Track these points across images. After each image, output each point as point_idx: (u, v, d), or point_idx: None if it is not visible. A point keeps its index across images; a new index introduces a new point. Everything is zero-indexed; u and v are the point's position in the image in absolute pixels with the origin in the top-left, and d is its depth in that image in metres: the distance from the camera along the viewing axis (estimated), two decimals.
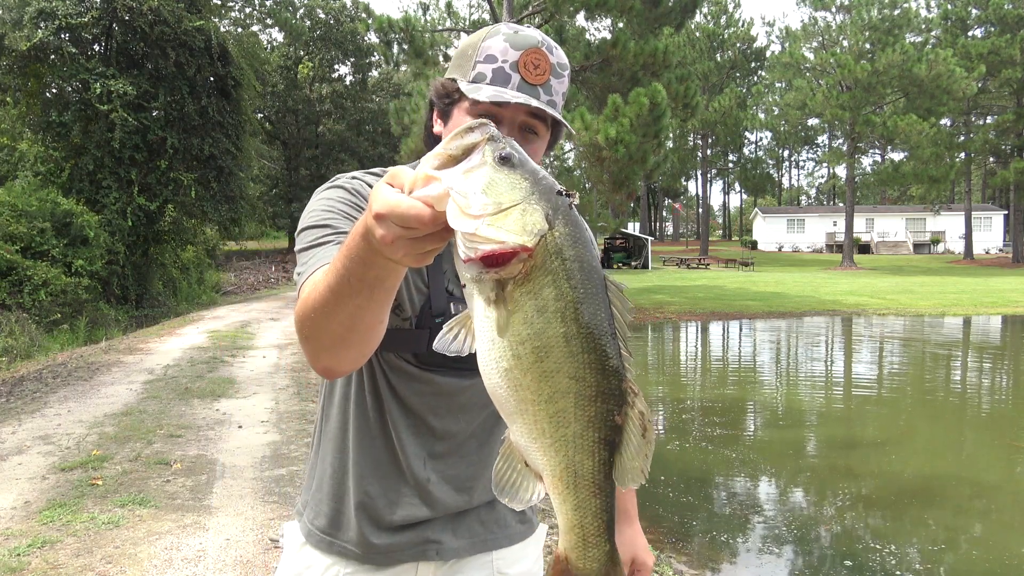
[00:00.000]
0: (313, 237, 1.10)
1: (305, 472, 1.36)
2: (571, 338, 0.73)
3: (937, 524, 5.71)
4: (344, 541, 1.26)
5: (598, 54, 19.44)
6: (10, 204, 13.61)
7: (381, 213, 0.72)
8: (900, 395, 10.77)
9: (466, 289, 0.76)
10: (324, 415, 1.31)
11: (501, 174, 0.72)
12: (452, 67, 1.17)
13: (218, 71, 18.02)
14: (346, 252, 0.84)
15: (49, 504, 4.05)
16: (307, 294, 0.94)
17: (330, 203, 1.15)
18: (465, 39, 1.19)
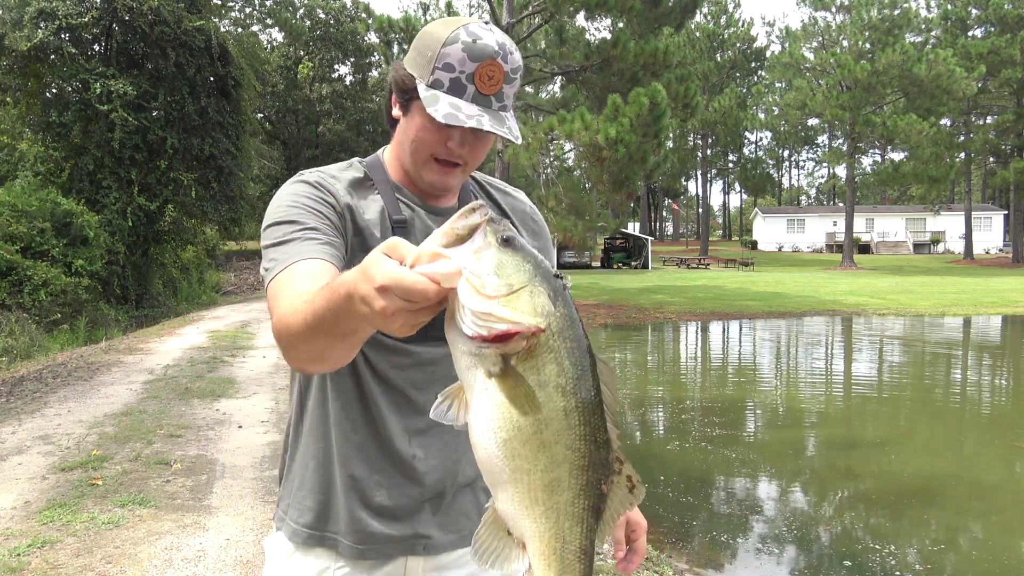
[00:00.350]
0: (280, 234, 1.14)
1: (281, 476, 1.35)
2: (569, 411, 0.78)
3: (937, 524, 5.71)
4: (334, 532, 1.25)
5: (598, 54, 19.44)
6: (10, 204, 13.61)
7: (386, 286, 0.75)
8: (900, 395, 10.77)
9: (460, 360, 0.79)
10: (300, 409, 1.31)
11: (507, 256, 0.77)
12: (411, 61, 1.21)
13: (218, 71, 18.01)
14: (326, 303, 0.87)
15: (49, 504, 4.05)
16: (284, 313, 0.99)
17: (295, 198, 1.18)
18: (426, 31, 1.21)
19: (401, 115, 1.24)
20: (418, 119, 1.20)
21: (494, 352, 0.76)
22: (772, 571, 4.86)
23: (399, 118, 1.25)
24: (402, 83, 1.22)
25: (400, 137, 1.26)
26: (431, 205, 1.30)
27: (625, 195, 20.35)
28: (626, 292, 25.84)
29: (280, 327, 1.00)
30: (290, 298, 1.02)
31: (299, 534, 1.27)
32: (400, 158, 1.29)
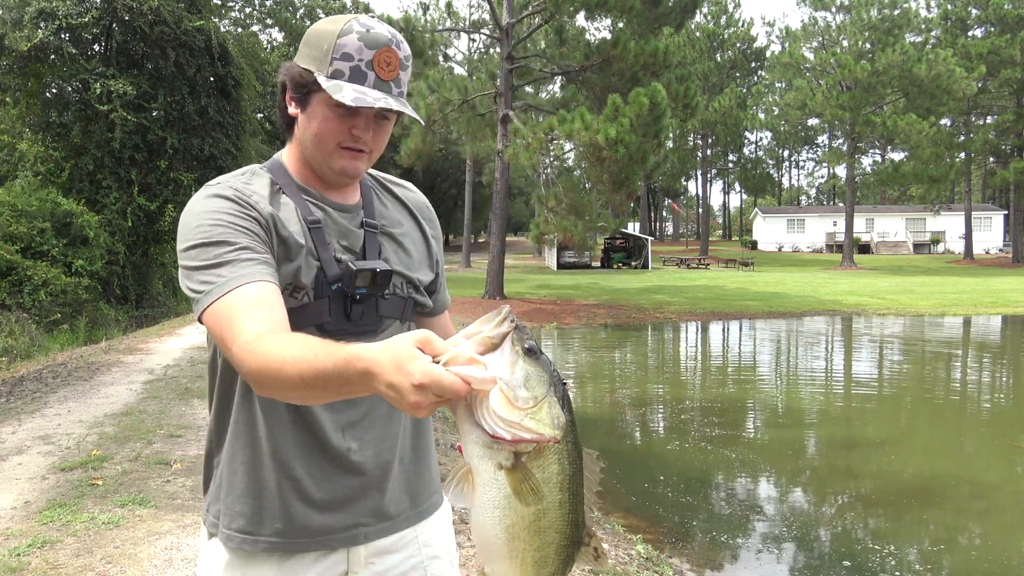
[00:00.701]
0: (211, 256, 1.14)
1: (206, 483, 1.34)
2: (563, 503, 0.91)
3: (937, 524, 5.71)
4: (270, 535, 1.25)
5: (598, 54, 19.44)
6: (10, 204, 13.61)
7: (424, 384, 0.84)
8: (900, 395, 10.77)
9: (473, 448, 0.89)
10: (222, 414, 1.29)
11: (531, 367, 0.88)
12: (305, 57, 1.23)
13: (218, 71, 18.01)
14: (336, 370, 0.94)
15: (49, 504, 4.05)
16: (273, 360, 1.00)
17: (218, 216, 1.17)
18: (316, 28, 1.25)
19: (299, 112, 1.25)
20: (320, 110, 1.22)
21: (510, 450, 0.87)
22: (772, 571, 4.86)
23: (296, 116, 1.26)
24: (299, 79, 1.23)
25: (301, 134, 1.27)
26: (338, 203, 1.31)
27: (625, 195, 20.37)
28: (626, 292, 25.84)
29: (265, 370, 1.01)
30: (273, 342, 1.03)
31: (233, 539, 1.25)
32: (303, 156, 1.29)
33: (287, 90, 1.27)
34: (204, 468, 1.34)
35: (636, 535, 4.99)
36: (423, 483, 1.39)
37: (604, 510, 5.71)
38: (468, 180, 40.64)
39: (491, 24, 23.67)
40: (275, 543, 1.25)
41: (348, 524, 1.28)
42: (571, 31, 21.29)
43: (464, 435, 0.90)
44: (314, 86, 1.21)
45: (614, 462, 7.23)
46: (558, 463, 0.90)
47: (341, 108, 1.20)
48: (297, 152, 1.30)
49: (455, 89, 21.83)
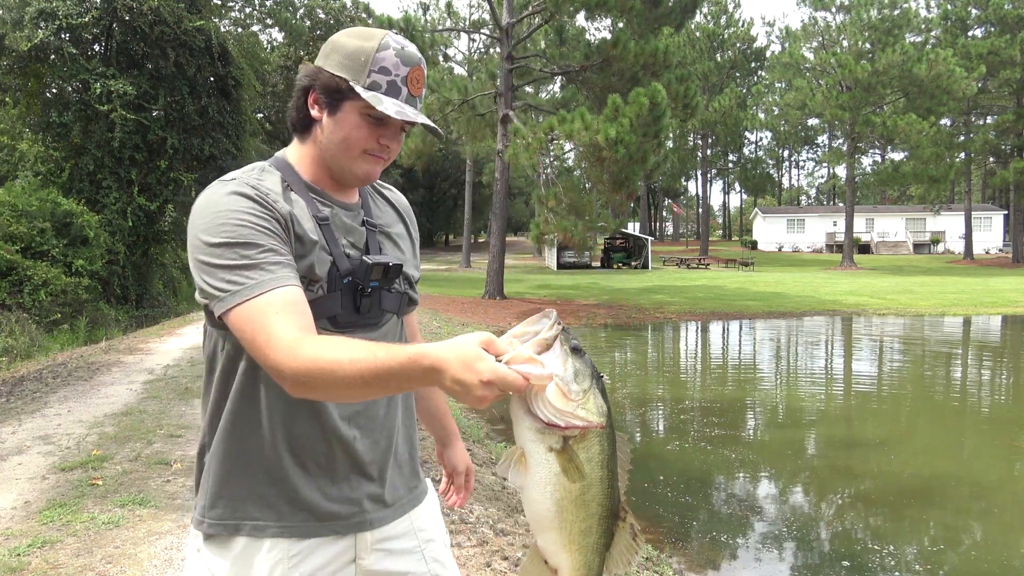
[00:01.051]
0: (237, 256, 1.17)
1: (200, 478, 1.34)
2: (603, 479, 1.06)
3: (937, 524, 5.71)
4: (280, 522, 1.28)
5: (598, 54, 19.44)
6: (10, 204, 13.60)
7: (491, 380, 0.97)
8: (900, 395, 10.77)
9: (525, 434, 1.03)
10: (220, 408, 1.30)
11: (579, 364, 1.02)
12: (338, 65, 1.29)
13: (218, 71, 18.01)
14: (400, 367, 1.04)
15: (49, 504, 4.05)
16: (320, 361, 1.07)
17: (242, 216, 1.20)
18: (350, 40, 1.31)
19: (325, 115, 1.30)
20: (352, 117, 1.28)
21: (560, 434, 1.01)
22: (772, 571, 4.86)
23: (318, 119, 1.31)
24: (331, 85, 1.28)
25: (323, 137, 1.31)
26: (343, 202, 1.37)
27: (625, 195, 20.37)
28: (626, 292, 25.85)
29: (314, 371, 1.08)
30: (322, 344, 1.10)
31: (242, 527, 1.27)
32: (319, 157, 1.34)
33: (311, 92, 1.31)
34: (196, 466, 1.34)
35: None
36: (414, 470, 1.47)
37: None
38: (468, 180, 40.66)
39: (491, 24, 23.67)
40: (286, 528, 1.28)
41: (355, 511, 1.33)
42: (571, 31, 21.29)
43: (517, 423, 1.03)
44: (349, 94, 1.27)
45: None
46: (599, 445, 1.04)
47: (372, 117, 1.28)
48: (312, 153, 1.35)
49: (455, 89, 21.84)
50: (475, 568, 3.53)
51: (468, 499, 1.70)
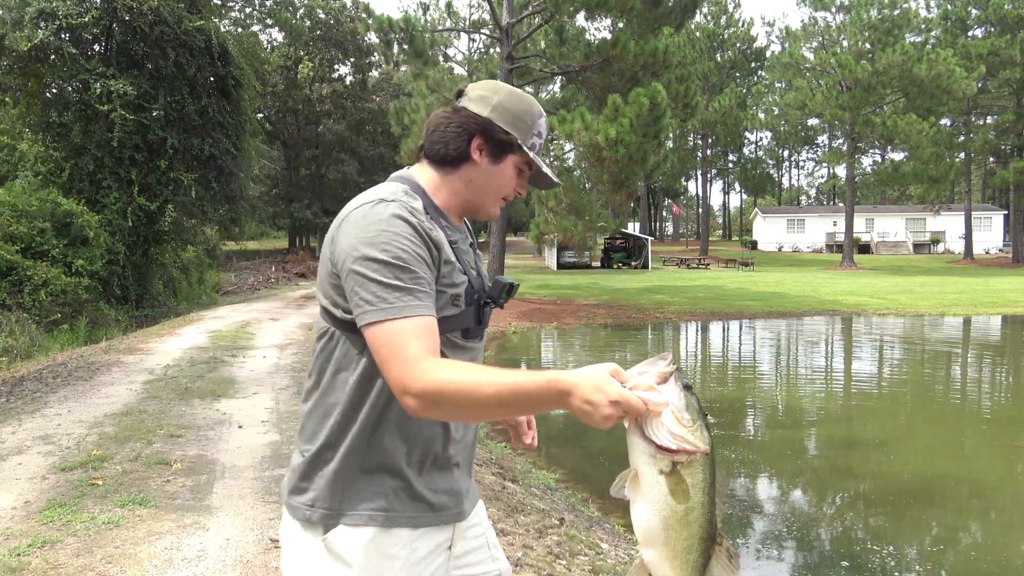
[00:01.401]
0: (393, 276, 1.29)
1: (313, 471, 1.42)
2: (704, 504, 1.18)
3: (937, 524, 5.71)
4: (406, 512, 1.41)
5: (598, 54, 19.44)
6: (10, 204, 13.60)
7: (618, 402, 1.14)
8: (900, 395, 10.77)
9: (640, 457, 1.17)
10: (353, 408, 1.39)
11: (689, 398, 1.18)
12: (507, 122, 1.48)
13: (218, 71, 18.00)
14: (536, 389, 1.18)
15: (49, 504, 4.05)
16: (457, 382, 1.21)
17: (404, 241, 1.32)
18: (513, 102, 1.50)
19: (487, 161, 1.48)
20: (509, 169, 1.50)
21: (670, 459, 1.15)
22: (772, 571, 4.86)
23: (475, 161, 1.48)
24: (502, 138, 1.47)
25: (476, 178, 1.49)
26: (457, 227, 1.53)
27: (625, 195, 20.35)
28: (626, 292, 25.84)
29: (449, 391, 1.21)
30: (457, 368, 1.24)
31: (376, 518, 1.38)
32: (459, 192, 1.50)
33: (477, 137, 1.47)
34: (308, 463, 1.42)
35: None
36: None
37: (604, 510, 5.72)
38: None
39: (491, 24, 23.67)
40: (407, 518, 1.40)
41: (456, 502, 1.47)
42: (571, 31, 21.29)
43: (632, 448, 1.18)
44: (516, 149, 1.49)
45: (614, 462, 7.23)
46: (702, 472, 1.17)
47: (518, 169, 1.51)
48: (455, 186, 1.50)
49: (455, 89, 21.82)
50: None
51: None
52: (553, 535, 4.37)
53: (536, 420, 1.79)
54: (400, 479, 1.40)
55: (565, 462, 7.26)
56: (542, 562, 3.79)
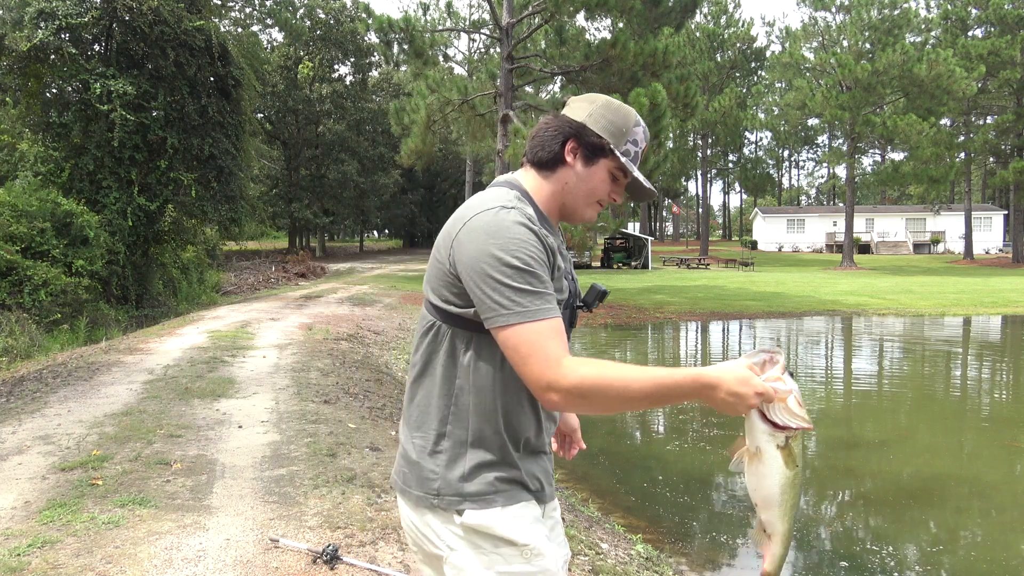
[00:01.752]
0: (525, 282, 1.38)
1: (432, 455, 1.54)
2: (801, 472, 1.47)
3: (937, 524, 5.71)
4: (542, 490, 1.58)
5: (598, 54, 19.44)
6: (10, 204, 13.60)
7: (760, 392, 1.35)
8: (900, 395, 10.77)
9: (759, 436, 1.42)
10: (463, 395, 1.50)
11: (796, 384, 1.41)
12: (602, 129, 1.55)
13: (218, 71, 18.00)
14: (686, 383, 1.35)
15: (49, 504, 4.05)
16: (606, 378, 1.35)
17: (531, 249, 1.41)
18: (611, 109, 1.57)
19: (580, 164, 1.56)
20: (602, 173, 1.57)
21: (784, 435, 1.41)
22: None
23: (570, 164, 1.56)
24: (595, 142, 1.55)
25: (571, 181, 1.56)
26: (556, 231, 1.61)
27: None
28: (626, 292, 25.83)
29: (598, 386, 1.35)
30: (602, 365, 1.37)
31: (494, 500, 1.50)
32: (557, 195, 1.58)
33: (571, 141, 1.55)
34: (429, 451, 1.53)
35: (636, 535, 5.00)
36: None
37: (604, 510, 5.72)
38: (468, 180, 40.66)
39: (491, 24, 23.67)
40: (515, 498, 1.52)
41: (547, 484, 1.62)
42: (571, 31, 21.28)
43: (753, 428, 1.41)
44: (608, 154, 1.56)
45: (614, 462, 7.23)
46: (800, 445, 1.44)
47: (613, 175, 1.58)
48: (553, 189, 1.58)
49: (455, 89, 21.82)
50: None
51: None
52: None
53: None
54: (505, 464, 1.50)
55: (564, 462, 7.25)
56: None
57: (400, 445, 1.60)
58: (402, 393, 8.56)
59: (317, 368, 8.93)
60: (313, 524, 3.86)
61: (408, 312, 17.79)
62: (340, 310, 16.32)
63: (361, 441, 5.65)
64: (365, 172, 45.64)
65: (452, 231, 1.46)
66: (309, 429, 5.87)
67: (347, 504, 4.17)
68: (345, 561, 3.39)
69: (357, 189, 45.78)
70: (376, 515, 4.04)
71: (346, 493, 4.35)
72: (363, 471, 4.83)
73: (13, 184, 15.93)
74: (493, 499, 1.48)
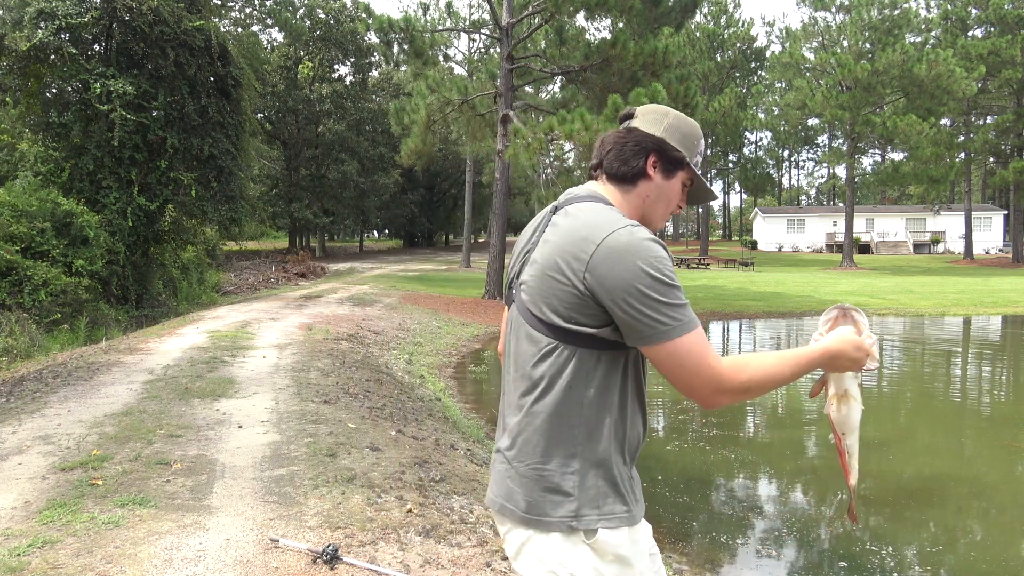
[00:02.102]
0: (677, 298, 1.45)
1: (587, 482, 1.54)
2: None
3: (937, 524, 5.71)
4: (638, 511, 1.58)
5: (598, 54, 19.44)
6: (10, 204, 13.60)
7: (869, 351, 1.61)
8: (900, 395, 10.77)
9: (849, 380, 1.71)
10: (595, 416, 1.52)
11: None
12: (676, 141, 1.63)
13: (218, 71, 18.00)
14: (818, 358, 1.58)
15: (49, 504, 4.04)
16: (747, 380, 1.47)
17: (669, 265, 1.49)
18: (682, 124, 1.66)
19: (660, 177, 1.64)
20: (677, 184, 1.66)
21: (861, 376, 1.72)
22: (772, 571, 4.86)
23: (651, 176, 1.63)
24: (674, 155, 1.63)
25: (651, 192, 1.64)
26: None
27: None
28: None
29: (762, 378, 1.49)
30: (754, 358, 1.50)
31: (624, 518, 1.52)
32: (640, 207, 1.65)
33: (652, 155, 1.62)
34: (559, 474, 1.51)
35: None
36: None
37: None
38: (468, 180, 40.63)
39: (491, 24, 23.67)
40: (635, 516, 1.57)
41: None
42: (571, 31, 21.28)
43: (841, 377, 1.70)
44: (684, 167, 1.65)
45: None
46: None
47: (683, 184, 1.67)
48: (634, 203, 1.64)
49: (455, 89, 21.82)
50: (475, 568, 3.53)
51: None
52: None
53: None
54: (625, 480, 1.55)
55: None
56: None
57: (507, 470, 1.57)
58: (402, 393, 8.56)
59: (317, 368, 8.93)
60: (313, 524, 3.86)
61: (408, 312, 17.79)
62: (340, 310, 16.32)
63: (361, 441, 5.65)
64: (365, 172, 45.63)
65: (581, 253, 1.45)
66: (309, 429, 5.87)
67: (347, 504, 4.17)
68: (345, 561, 3.39)
69: (357, 189, 45.79)
70: (376, 515, 4.04)
71: (346, 493, 4.35)
72: (363, 471, 4.83)
73: (13, 184, 15.93)
74: (624, 519, 1.52)
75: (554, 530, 1.49)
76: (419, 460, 5.36)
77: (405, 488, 4.59)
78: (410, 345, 13.56)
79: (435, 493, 4.65)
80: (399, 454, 5.42)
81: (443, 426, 7.37)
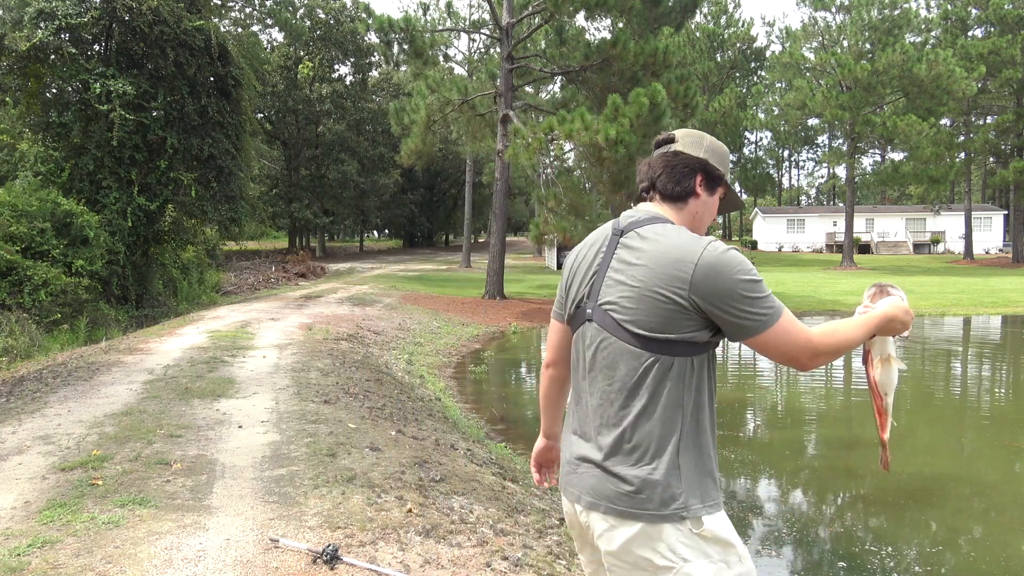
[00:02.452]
0: (766, 292, 1.72)
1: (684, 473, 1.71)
2: None
3: (937, 524, 5.71)
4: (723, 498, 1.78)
5: (598, 54, 19.44)
6: (10, 204, 13.60)
7: (912, 316, 1.84)
8: (900, 395, 10.74)
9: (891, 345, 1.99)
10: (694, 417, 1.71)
11: None
12: (715, 161, 1.87)
13: (218, 71, 18.00)
14: (875, 324, 1.84)
15: (49, 504, 4.04)
16: (832, 343, 1.73)
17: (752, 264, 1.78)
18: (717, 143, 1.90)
19: (705, 194, 1.87)
20: (717, 199, 1.90)
21: (898, 340, 1.95)
22: (772, 571, 4.86)
23: (699, 194, 1.86)
24: (716, 174, 1.87)
25: (700, 209, 1.87)
26: None
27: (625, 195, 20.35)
28: None
29: (842, 343, 1.74)
30: (829, 328, 1.75)
31: (719, 504, 1.72)
32: (688, 222, 1.85)
33: (699, 174, 1.85)
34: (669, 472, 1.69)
35: None
36: None
37: None
38: (468, 180, 40.65)
39: (491, 24, 23.68)
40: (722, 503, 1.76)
41: None
42: (571, 31, 21.28)
43: (886, 342, 1.97)
44: (724, 183, 1.89)
45: None
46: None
47: (720, 199, 1.90)
48: (684, 219, 1.84)
49: (455, 89, 21.83)
50: (475, 568, 3.53)
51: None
52: (553, 535, 4.37)
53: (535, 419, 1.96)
54: (715, 467, 1.75)
55: None
56: (542, 562, 3.79)
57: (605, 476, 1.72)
58: (402, 393, 8.56)
59: (317, 368, 8.93)
60: (313, 524, 3.86)
61: (408, 312, 17.80)
62: (340, 310, 16.32)
63: (361, 441, 5.65)
64: (365, 172, 45.64)
65: (681, 274, 1.67)
66: (309, 429, 5.86)
67: (347, 504, 4.17)
68: (345, 561, 3.39)
69: (357, 189, 45.79)
70: (376, 515, 4.04)
71: (346, 493, 4.35)
72: (363, 471, 4.83)
73: (13, 184, 15.94)
74: (718, 504, 1.71)
75: (665, 522, 1.65)
76: (419, 460, 5.36)
77: (405, 488, 4.59)
78: (410, 345, 13.57)
79: (435, 493, 4.64)
80: (399, 454, 5.42)
81: (443, 426, 7.37)
